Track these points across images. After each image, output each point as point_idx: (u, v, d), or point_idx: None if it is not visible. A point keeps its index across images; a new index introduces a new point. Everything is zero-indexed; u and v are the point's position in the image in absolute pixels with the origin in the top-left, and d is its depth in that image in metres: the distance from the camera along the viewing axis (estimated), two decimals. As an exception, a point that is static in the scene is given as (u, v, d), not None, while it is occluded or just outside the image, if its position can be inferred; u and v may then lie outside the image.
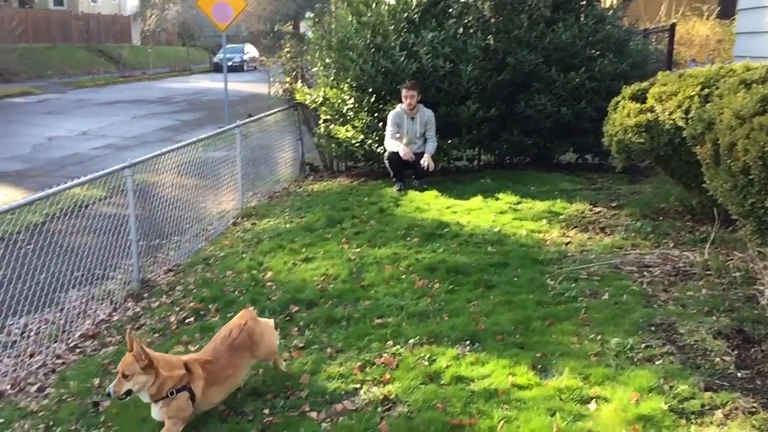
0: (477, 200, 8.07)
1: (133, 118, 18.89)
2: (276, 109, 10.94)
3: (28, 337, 5.34)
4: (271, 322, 4.38)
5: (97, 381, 4.51)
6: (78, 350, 5.20)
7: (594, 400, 3.77)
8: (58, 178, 8.83)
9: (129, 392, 3.59)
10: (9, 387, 4.60)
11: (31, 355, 5.08)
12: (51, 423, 4.03)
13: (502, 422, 3.59)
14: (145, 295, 6.19)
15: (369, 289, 5.63)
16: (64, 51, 38.67)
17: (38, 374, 4.81)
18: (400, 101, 8.94)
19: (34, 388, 4.60)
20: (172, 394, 3.63)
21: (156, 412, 3.70)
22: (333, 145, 10.15)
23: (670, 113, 6.13)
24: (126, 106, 22.19)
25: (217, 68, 40.36)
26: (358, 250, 6.60)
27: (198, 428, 3.78)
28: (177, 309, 5.68)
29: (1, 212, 4.97)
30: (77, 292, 6.16)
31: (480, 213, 7.58)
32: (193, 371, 3.73)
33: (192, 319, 5.43)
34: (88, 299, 6.03)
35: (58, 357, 5.07)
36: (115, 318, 5.75)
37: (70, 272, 6.00)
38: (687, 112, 5.89)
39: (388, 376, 4.18)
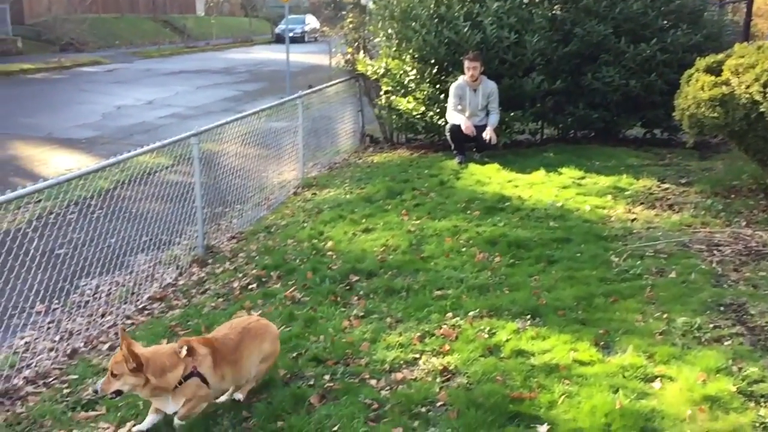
0: (539, 174, 7.94)
1: (197, 88, 19.22)
2: (337, 80, 10.96)
3: (100, 298, 5.55)
4: (276, 350, 3.94)
5: (164, 342, 4.64)
6: (146, 312, 5.37)
7: (659, 378, 3.69)
8: (126, 146, 9.10)
9: (119, 392, 3.35)
10: (82, 345, 4.80)
11: (103, 315, 5.28)
12: (121, 380, 4.18)
13: (563, 397, 3.55)
14: (210, 261, 6.34)
15: (429, 260, 5.63)
16: (132, 21, 39.53)
17: (109, 333, 5.00)
18: (463, 73, 8.82)
19: (106, 346, 4.79)
20: (181, 383, 3.38)
21: (170, 405, 3.44)
22: (394, 117, 10.12)
23: (747, 87, 5.87)
24: (190, 76, 22.59)
25: (278, 39, 40.57)
26: (418, 222, 6.60)
27: (261, 392, 3.87)
28: (240, 275, 5.80)
29: (73, 177, 5.12)
30: (145, 256, 6.36)
31: (542, 187, 7.46)
32: (197, 352, 3.47)
33: (254, 285, 5.54)
34: (155, 263, 6.22)
35: (128, 318, 5.26)
36: (181, 282, 5.91)
37: (138, 237, 6.19)
38: (765, 85, 5.64)
39: (447, 347, 4.18)
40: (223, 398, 3.73)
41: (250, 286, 5.54)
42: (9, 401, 4.08)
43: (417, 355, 4.15)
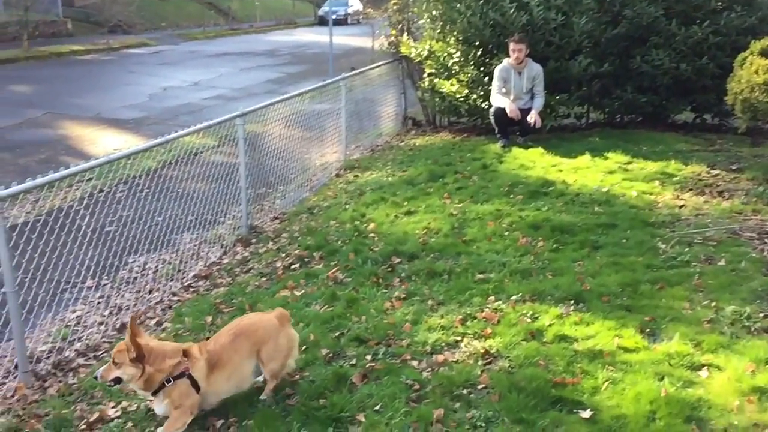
0: (584, 159, 7.82)
1: (241, 70, 19.39)
2: (380, 63, 10.93)
3: (147, 274, 5.67)
4: (296, 337, 3.80)
5: (209, 319, 4.74)
6: (192, 289, 5.48)
7: (706, 367, 3.63)
8: (172, 127, 9.24)
9: (118, 380, 3.33)
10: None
11: (150, 292, 5.41)
12: (168, 355, 4.28)
13: (606, 383, 3.52)
14: (253, 240, 6.42)
15: (471, 244, 5.61)
16: (177, 4, 39.95)
17: (156, 309, 5.12)
18: (508, 55, 8.70)
19: (153, 321, 4.91)
20: (168, 382, 3.32)
21: (158, 406, 3.40)
22: (437, 100, 10.05)
23: (805, 70, 5.67)
24: (234, 58, 22.79)
25: (321, 21, 40.61)
26: (460, 205, 6.57)
27: (303, 369, 3.92)
28: (283, 255, 5.87)
29: (122, 157, 5.23)
30: (190, 235, 6.48)
31: (587, 172, 7.34)
32: (191, 354, 3.41)
33: (297, 265, 5.59)
34: (200, 242, 6.33)
35: (174, 294, 5.37)
36: (225, 261, 6.01)
37: (183, 216, 6.30)
38: (824, 69, 5.44)
39: (489, 330, 4.17)
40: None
41: (292, 266, 5.59)
42: (61, 373, 4.22)
43: (458, 338, 4.15)
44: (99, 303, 5.15)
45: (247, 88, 16.03)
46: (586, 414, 3.30)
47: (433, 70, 9.90)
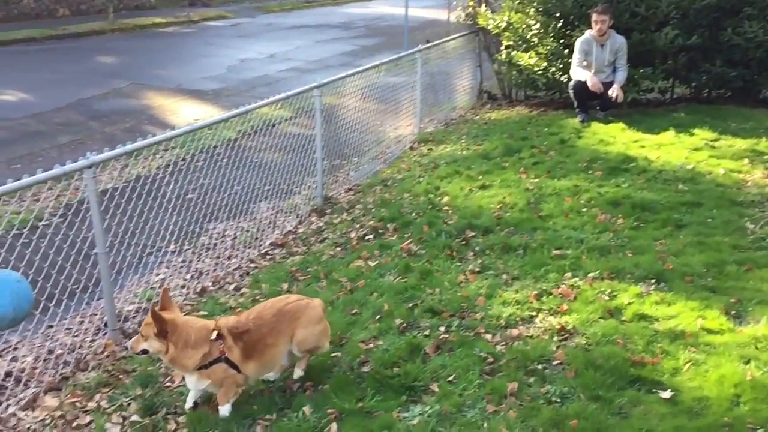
0: (668, 135, 7.54)
1: (316, 43, 19.49)
2: (456, 35, 10.78)
3: (226, 241, 5.83)
4: (328, 330, 3.66)
5: (285, 285, 4.85)
6: (268, 257, 5.60)
7: (796, 353, 3.48)
8: (249, 98, 9.38)
9: (146, 351, 3.32)
10: (211, 284, 5.08)
11: (228, 258, 5.56)
12: (247, 319, 4.41)
13: (688, 365, 3.42)
14: (328, 211, 6.50)
15: (547, 219, 5.52)
16: (254, -23, 40.35)
17: (234, 275, 5.26)
18: (590, 27, 8.43)
19: (232, 287, 5.05)
20: (206, 367, 3.28)
21: (190, 380, 3.36)
22: (514, 73, 9.86)
23: None
24: (310, 30, 22.91)
25: (396, -6, 40.28)
26: (537, 180, 6.46)
27: (377, 337, 3.97)
28: (357, 226, 5.92)
29: (202, 127, 5.36)
30: (267, 204, 6.61)
31: (671, 148, 7.08)
32: (226, 339, 3.32)
33: (371, 236, 5.64)
34: (276, 211, 6.45)
35: (251, 261, 5.50)
36: (301, 230, 6.11)
37: (260, 185, 6.42)
38: None
39: (565, 307, 4.11)
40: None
41: (366, 237, 5.64)
42: (146, 331, 4.40)
43: (533, 313, 4.11)
44: (181, 267, 5.33)
45: (322, 61, 16.12)
46: (666, 394, 3.22)
47: (510, 43, 9.71)
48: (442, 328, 4.01)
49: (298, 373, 3.61)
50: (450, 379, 3.49)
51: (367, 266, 5.00)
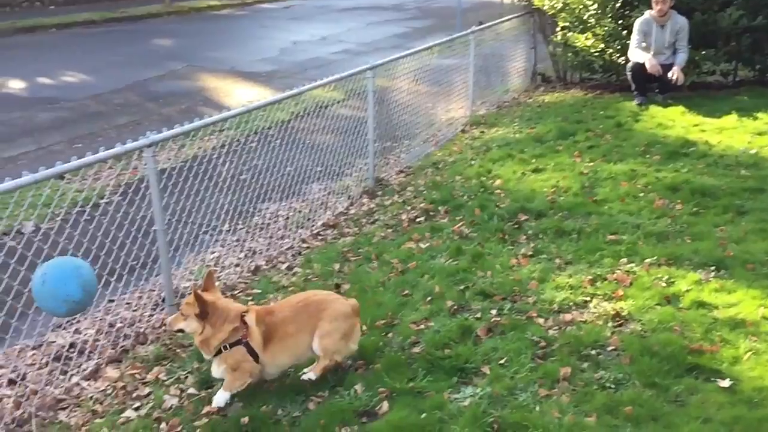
0: (730, 119, 7.30)
1: (368, 25, 19.45)
2: (511, 16, 10.61)
3: (278, 221, 5.90)
4: (357, 331, 3.55)
5: (337, 266, 4.89)
6: (320, 237, 5.65)
7: None
8: (301, 80, 9.44)
9: (182, 330, 3.40)
10: (264, 263, 5.16)
11: (281, 238, 5.63)
12: (299, 298, 4.47)
13: (749, 354, 3.34)
14: (379, 192, 6.52)
15: (602, 204, 5.43)
16: (307, -40, 40.45)
17: (287, 255, 5.33)
18: (650, 7, 8.19)
19: (284, 266, 5.12)
20: (225, 348, 3.29)
21: (215, 369, 3.39)
22: (569, 55, 9.67)
23: None
24: (362, 12, 22.86)
25: (448, -24, 39.81)
26: (592, 164, 6.34)
27: (428, 319, 3.98)
28: (408, 208, 5.92)
29: (255, 108, 5.42)
30: (319, 185, 6.66)
31: (733, 133, 6.86)
32: (248, 322, 3.33)
33: (422, 218, 5.63)
34: (328, 192, 6.50)
35: (303, 241, 5.56)
36: (352, 211, 6.14)
37: (312, 167, 6.47)
38: None
39: (620, 292, 4.05)
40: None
41: (417, 219, 5.64)
42: (202, 308, 4.50)
43: (587, 298, 4.05)
44: (235, 246, 5.42)
45: (373, 43, 16.08)
46: (725, 383, 3.15)
47: (566, 24, 9.52)
48: (494, 311, 3.99)
49: (308, 375, 3.41)
50: (501, 362, 3.48)
51: (418, 248, 5.00)
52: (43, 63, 12.91)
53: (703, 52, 8.49)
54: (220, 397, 3.32)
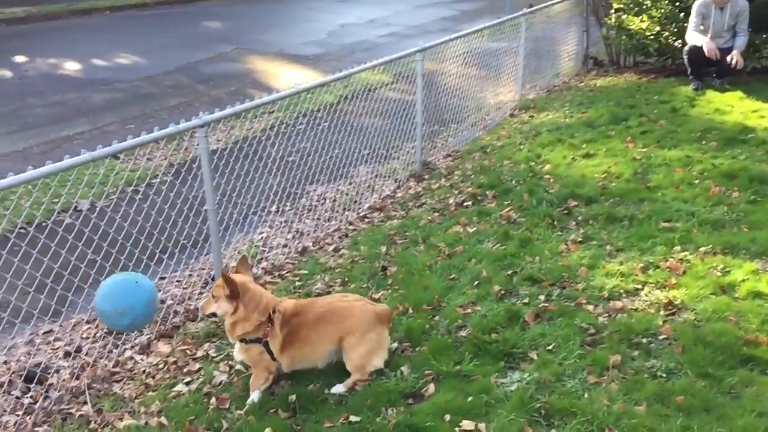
0: (792, 105, 7.04)
1: (416, 8, 19.30)
2: (562, -1, 10.39)
3: (325, 203, 5.94)
4: (388, 342, 3.45)
5: (383, 248, 4.90)
6: (366, 220, 5.67)
7: None
8: (348, 63, 9.45)
9: (214, 314, 3.39)
10: (311, 244, 5.20)
11: (328, 220, 5.67)
12: (346, 279, 4.50)
13: (807, 347, 3.23)
14: (426, 176, 6.49)
15: (655, 191, 5.30)
16: (355, -58, 40.31)
17: (334, 237, 5.36)
18: (709, -11, 7.93)
19: (331, 248, 5.15)
20: (244, 341, 3.33)
21: (236, 353, 3.45)
22: (623, 38, 9.43)
23: None
24: (409, -5, 22.72)
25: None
26: (645, 150, 6.20)
27: (475, 303, 3.96)
28: (455, 192, 5.89)
29: (303, 90, 5.44)
30: (365, 168, 6.67)
31: (794, 119, 6.62)
32: (273, 325, 3.31)
33: (470, 203, 5.59)
34: (375, 175, 6.51)
35: (350, 224, 5.59)
36: (399, 195, 6.13)
37: (359, 150, 6.48)
38: None
39: (673, 281, 3.95)
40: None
41: (465, 203, 5.60)
42: (250, 287, 4.56)
43: (639, 286, 3.97)
44: (282, 227, 5.48)
45: (421, 26, 15.97)
46: (782, 376, 3.05)
47: (621, 6, 9.29)
48: (542, 297, 3.95)
49: (338, 388, 3.30)
50: (550, 347, 3.45)
51: (466, 232, 4.98)
52: (97, 45, 13.20)
53: (764, 36, 8.17)
54: (254, 396, 3.31)
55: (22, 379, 3.57)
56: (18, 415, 3.37)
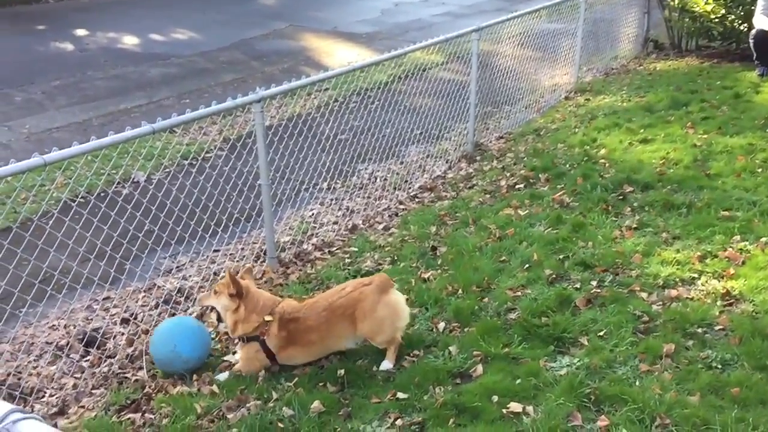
0: None
1: (471, -13, 19.07)
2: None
3: (375, 182, 5.94)
4: (400, 301, 3.43)
5: (433, 228, 4.89)
6: (417, 200, 5.66)
7: None
8: (401, 42, 9.39)
9: (212, 308, 3.50)
10: (361, 222, 5.22)
11: (378, 198, 5.68)
12: (395, 257, 4.51)
13: None
14: (477, 157, 6.44)
15: (715, 178, 5.16)
16: None
17: (384, 215, 5.37)
18: (779, -30, 7.61)
19: (381, 226, 5.16)
20: (243, 340, 3.39)
21: (238, 350, 3.53)
22: (686, 21, 9.14)
23: None
24: (465, -25, 22.44)
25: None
26: (705, 136, 6.02)
27: (525, 286, 3.93)
28: (507, 174, 5.83)
29: (356, 69, 5.43)
30: (416, 148, 6.65)
31: None
32: (270, 326, 3.34)
33: (522, 185, 5.53)
34: (425, 155, 6.48)
35: (401, 203, 5.59)
36: (450, 175, 6.10)
37: (410, 129, 6.45)
38: None
39: (731, 271, 3.85)
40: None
41: (517, 186, 5.54)
42: (301, 263, 4.63)
43: (695, 275, 3.89)
44: (333, 204, 5.52)
45: (476, 5, 15.75)
46: None
47: (685, -13, 8.98)
48: (594, 283, 3.89)
49: (385, 365, 3.33)
50: (601, 334, 3.40)
51: (517, 215, 4.93)
52: (155, 20, 13.40)
53: (838, 20, 7.82)
54: (221, 376, 3.41)
55: (82, 343, 3.70)
56: (77, 378, 3.50)
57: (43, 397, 3.37)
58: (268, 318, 3.35)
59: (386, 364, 3.33)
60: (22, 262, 3.53)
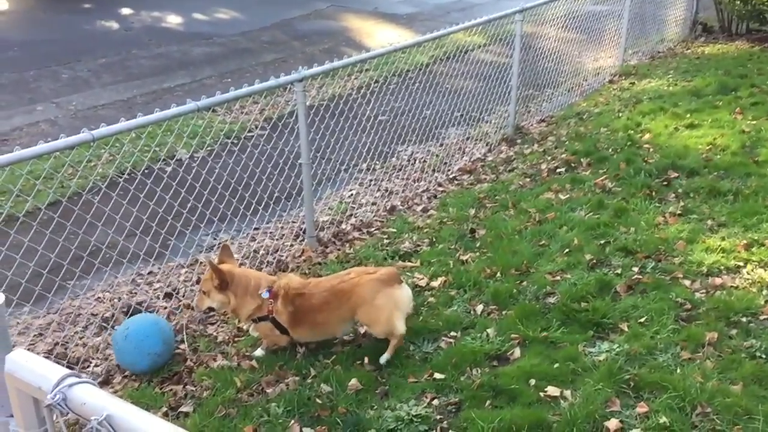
0: None
1: (514, -32, 18.81)
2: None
3: (414, 163, 5.93)
4: (404, 294, 3.34)
5: (472, 211, 4.87)
6: (456, 182, 5.64)
7: None
8: (442, 23, 9.32)
9: (212, 308, 3.43)
10: (399, 203, 5.23)
11: (417, 180, 5.67)
12: (434, 239, 4.51)
13: None
14: (518, 141, 6.38)
15: (764, 165, 5.03)
16: None
17: (422, 197, 5.36)
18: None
19: (419, 208, 5.16)
20: (256, 321, 3.35)
21: (252, 330, 3.53)
22: (737, 3, 8.87)
23: None
24: (507, -45, 22.11)
25: None
26: (755, 122, 5.86)
27: (565, 271, 3.90)
28: (548, 158, 5.76)
29: (396, 50, 5.39)
30: (456, 130, 6.61)
31: None
32: (276, 303, 3.29)
33: (563, 169, 5.47)
34: (465, 138, 6.44)
35: (439, 185, 5.57)
36: (489, 158, 6.06)
37: (450, 111, 6.41)
38: None
39: (779, 260, 3.77)
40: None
41: (558, 170, 5.48)
42: (339, 242, 4.66)
43: (741, 263, 3.81)
44: (372, 185, 5.53)
45: (519, -13, 15.55)
46: None
47: (737, -31, 8.72)
48: (636, 269, 3.84)
49: (384, 358, 3.27)
50: (642, 320, 3.36)
51: (558, 199, 4.88)
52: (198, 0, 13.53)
53: None
54: (257, 352, 3.44)
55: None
56: (121, 348, 3.59)
57: (89, 366, 3.47)
58: (264, 294, 3.28)
59: (384, 357, 3.27)
60: (70, 236, 3.62)
